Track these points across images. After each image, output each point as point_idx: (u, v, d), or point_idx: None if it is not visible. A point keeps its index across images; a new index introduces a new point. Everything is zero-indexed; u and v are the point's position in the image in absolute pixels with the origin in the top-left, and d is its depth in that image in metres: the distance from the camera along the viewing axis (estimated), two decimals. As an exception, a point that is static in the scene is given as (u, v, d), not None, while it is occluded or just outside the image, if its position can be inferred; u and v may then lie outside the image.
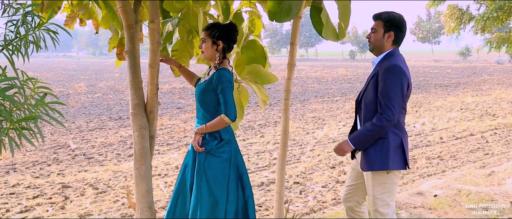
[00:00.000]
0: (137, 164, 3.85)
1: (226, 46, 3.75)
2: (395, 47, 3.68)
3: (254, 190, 7.11)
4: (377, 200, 3.69)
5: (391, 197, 3.71)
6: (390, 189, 3.68)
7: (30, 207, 6.38)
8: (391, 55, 3.61)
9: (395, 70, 3.47)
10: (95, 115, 16.02)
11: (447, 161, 8.94)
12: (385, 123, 3.45)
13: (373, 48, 3.72)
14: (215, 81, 3.65)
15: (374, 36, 3.68)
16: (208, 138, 3.75)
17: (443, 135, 11.60)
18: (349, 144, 3.63)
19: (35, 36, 3.38)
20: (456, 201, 5.96)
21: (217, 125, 3.68)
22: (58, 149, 10.48)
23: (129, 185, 7.27)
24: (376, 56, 3.72)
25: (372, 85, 3.58)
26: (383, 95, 3.47)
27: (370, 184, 3.70)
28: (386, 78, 3.46)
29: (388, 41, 3.64)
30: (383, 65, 3.55)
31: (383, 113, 3.45)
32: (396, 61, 3.54)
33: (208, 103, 3.73)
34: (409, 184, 7.45)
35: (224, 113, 3.62)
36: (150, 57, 3.80)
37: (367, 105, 3.62)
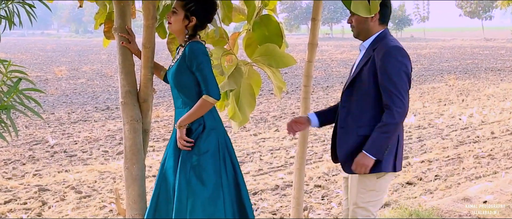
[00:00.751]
0: (128, 163, 3.87)
1: (198, 23, 3.74)
2: (383, 27, 3.68)
3: (267, 194, 7.13)
4: (358, 210, 3.67)
5: (376, 207, 3.71)
6: (376, 197, 3.68)
7: (1, 213, 6.43)
8: (383, 37, 3.61)
9: (396, 52, 3.49)
10: (78, 105, 16.11)
11: (500, 161, 8.89)
12: (398, 117, 3.44)
13: (359, 32, 3.71)
14: (188, 56, 3.63)
15: (356, 19, 3.66)
16: (192, 128, 3.74)
17: (495, 130, 11.53)
18: (368, 156, 3.50)
19: (8, 10, 3.40)
20: (510, 208, 5.94)
21: (200, 110, 3.66)
22: (35, 145, 10.55)
23: (118, 188, 7.31)
24: (363, 40, 3.72)
25: (368, 73, 3.55)
26: (387, 82, 3.45)
27: (354, 189, 3.68)
28: (388, 63, 3.46)
29: (374, 21, 3.63)
30: (378, 48, 3.54)
31: (393, 106, 3.42)
32: (394, 41, 3.57)
33: (186, 85, 3.72)
34: (454, 188, 7.43)
35: (206, 93, 3.62)
36: (143, 35, 3.81)
37: (361, 96, 3.60)
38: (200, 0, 3.72)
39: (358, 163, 3.51)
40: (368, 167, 3.50)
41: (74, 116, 14.15)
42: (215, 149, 3.74)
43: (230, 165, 3.82)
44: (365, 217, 3.65)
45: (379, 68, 3.47)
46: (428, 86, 20.05)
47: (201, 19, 3.73)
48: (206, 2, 3.75)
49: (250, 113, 4.75)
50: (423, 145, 10.18)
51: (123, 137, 3.90)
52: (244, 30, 4.64)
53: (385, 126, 3.42)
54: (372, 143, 3.48)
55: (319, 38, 4.81)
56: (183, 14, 3.68)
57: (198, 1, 3.71)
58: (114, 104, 15.96)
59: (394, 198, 6.92)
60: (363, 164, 3.50)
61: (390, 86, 3.42)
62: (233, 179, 3.83)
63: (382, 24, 3.65)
